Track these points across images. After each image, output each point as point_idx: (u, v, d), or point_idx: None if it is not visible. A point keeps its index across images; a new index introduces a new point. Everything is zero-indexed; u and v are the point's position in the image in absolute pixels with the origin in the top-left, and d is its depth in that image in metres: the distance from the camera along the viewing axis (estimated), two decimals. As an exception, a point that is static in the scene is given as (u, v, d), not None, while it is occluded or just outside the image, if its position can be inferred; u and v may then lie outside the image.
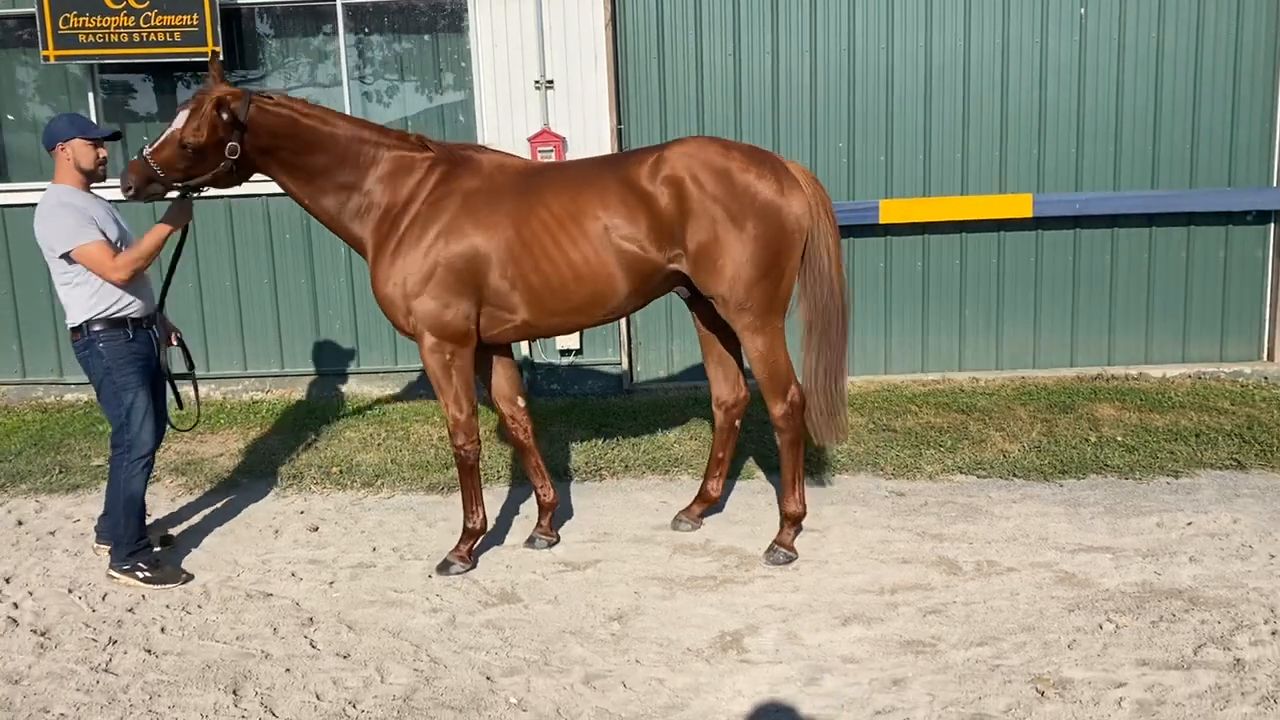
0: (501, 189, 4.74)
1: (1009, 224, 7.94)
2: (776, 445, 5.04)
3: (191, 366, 5.37)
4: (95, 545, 5.19)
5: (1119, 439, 6.43)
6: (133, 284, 4.78)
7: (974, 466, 6.07)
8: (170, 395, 5.25)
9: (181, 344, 5.30)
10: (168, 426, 5.17)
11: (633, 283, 4.75)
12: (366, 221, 4.77)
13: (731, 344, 5.12)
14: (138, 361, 4.85)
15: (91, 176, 4.82)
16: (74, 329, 4.81)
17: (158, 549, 5.20)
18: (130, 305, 4.82)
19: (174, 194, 4.73)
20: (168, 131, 4.54)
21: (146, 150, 4.54)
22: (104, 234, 4.71)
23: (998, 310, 8.09)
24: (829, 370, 4.90)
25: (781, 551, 4.90)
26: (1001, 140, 7.87)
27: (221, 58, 7.45)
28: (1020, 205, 7.77)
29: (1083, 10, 7.71)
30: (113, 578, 4.88)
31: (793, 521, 4.97)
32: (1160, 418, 6.83)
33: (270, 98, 4.63)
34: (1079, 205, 7.78)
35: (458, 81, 8.17)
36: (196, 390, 5.45)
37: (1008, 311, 8.10)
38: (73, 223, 4.62)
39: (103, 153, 4.81)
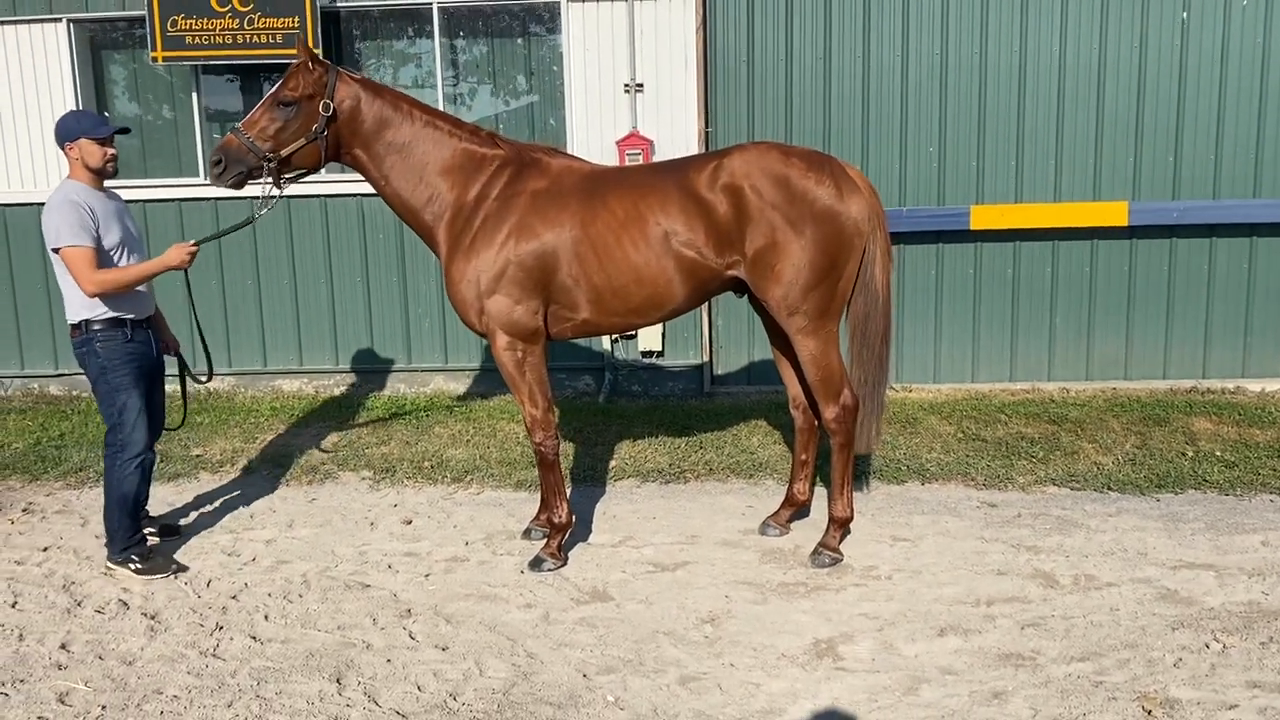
0: (568, 190, 4.84)
1: (1103, 231, 7.78)
2: (830, 448, 5.05)
3: (187, 375, 5.50)
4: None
5: (1218, 454, 6.27)
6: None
7: (1067, 478, 5.97)
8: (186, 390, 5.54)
9: (179, 355, 5.42)
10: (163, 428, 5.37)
11: (691, 286, 4.82)
12: (437, 216, 4.93)
13: None
14: (134, 362, 4.92)
15: (101, 174, 4.88)
16: (73, 325, 4.88)
17: (159, 540, 5.39)
18: (129, 306, 4.91)
19: (256, 191, 4.88)
20: (260, 103, 4.80)
21: (239, 124, 4.77)
22: (100, 239, 4.77)
23: (1089, 319, 7.93)
24: (870, 379, 4.95)
25: (826, 554, 4.92)
26: (1096, 146, 7.72)
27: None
28: (1115, 213, 7.61)
29: (1185, 14, 7.53)
30: (109, 570, 5.00)
31: (839, 525, 5.00)
32: (1261, 433, 6.64)
33: (354, 73, 4.94)
34: (1177, 214, 7.59)
35: (548, 84, 8.26)
36: (185, 392, 5.59)
37: (1099, 321, 7.94)
38: (72, 221, 4.68)
39: (110, 151, 4.86)
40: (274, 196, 4.89)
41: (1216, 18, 7.51)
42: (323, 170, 5.10)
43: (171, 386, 5.54)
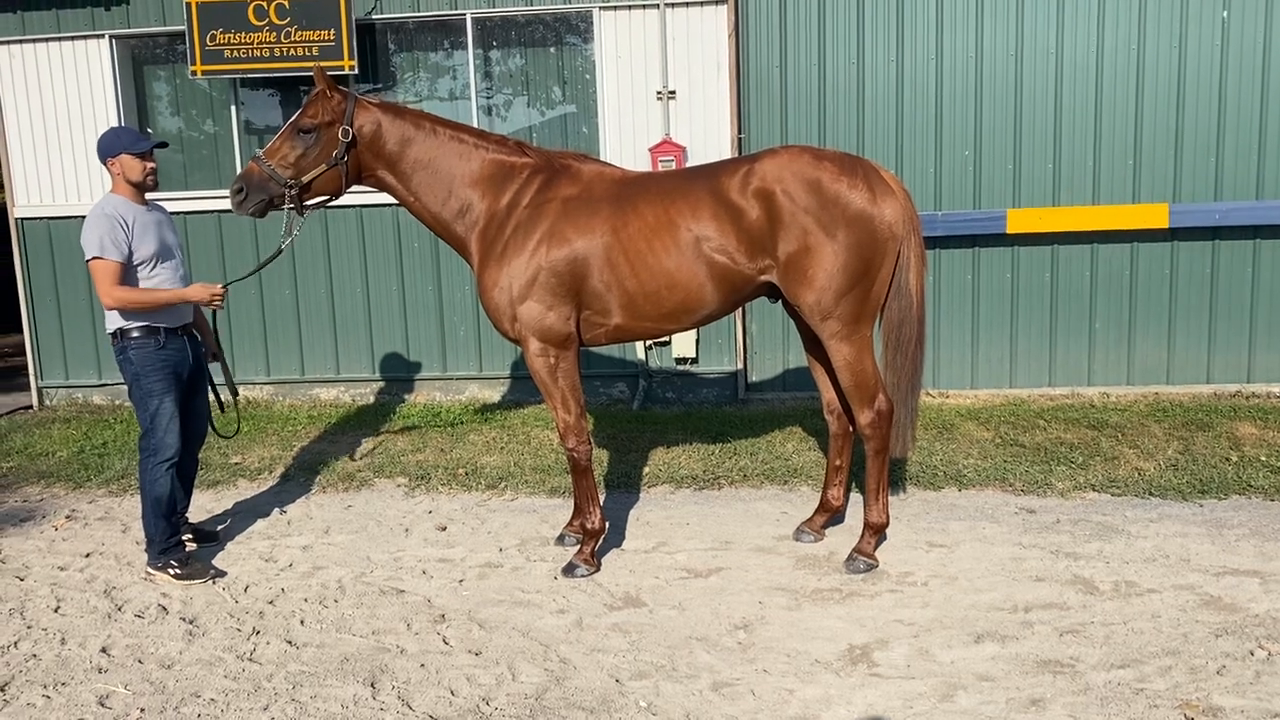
0: (599, 197, 4.84)
1: (1143, 234, 7.68)
2: (866, 453, 5.00)
3: (230, 382, 5.59)
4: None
5: (1263, 459, 6.15)
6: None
7: (1107, 484, 5.88)
8: (213, 399, 5.56)
9: (221, 361, 5.48)
10: (209, 431, 5.46)
11: (723, 292, 4.79)
12: (469, 226, 4.96)
13: None
14: (166, 369, 5.01)
15: (141, 188, 5.01)
16: (111, 334, 5.03)
17: (197, 546, 5.45)
18: (163, 316, 5.01)
19: (277, 213, 4.91)
20: (281, 131, 4.86)
21: (260, 151, 4.83)
22: (132, 252, 4.88)
23: (1130, 323, 7.82)
24: (903, 385, 4.90)
25: (862, 560, 4.87)
26: (1135, 147, 7.62)
27: (356, 71, 7.74)
28: (1155, 216, 7.50)
29: (1225, 13, 7.42)
30: (148, 575, 5.09)
31: (875, 531, 4.95)
32: (1308, 438, 6.50)
33: (372, 99, 4.99)
34: (1219, 216, 7.48)
35: (581, 93, 8.29)
36: (236, 401, 5.71)
37: (1140, 325, 7.83)
38: (103, 234, 4.80)
39: (150, 165, 4.99)
40: (302, 211, 4.88)
41: (1258, 15, 7.40)
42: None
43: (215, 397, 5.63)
